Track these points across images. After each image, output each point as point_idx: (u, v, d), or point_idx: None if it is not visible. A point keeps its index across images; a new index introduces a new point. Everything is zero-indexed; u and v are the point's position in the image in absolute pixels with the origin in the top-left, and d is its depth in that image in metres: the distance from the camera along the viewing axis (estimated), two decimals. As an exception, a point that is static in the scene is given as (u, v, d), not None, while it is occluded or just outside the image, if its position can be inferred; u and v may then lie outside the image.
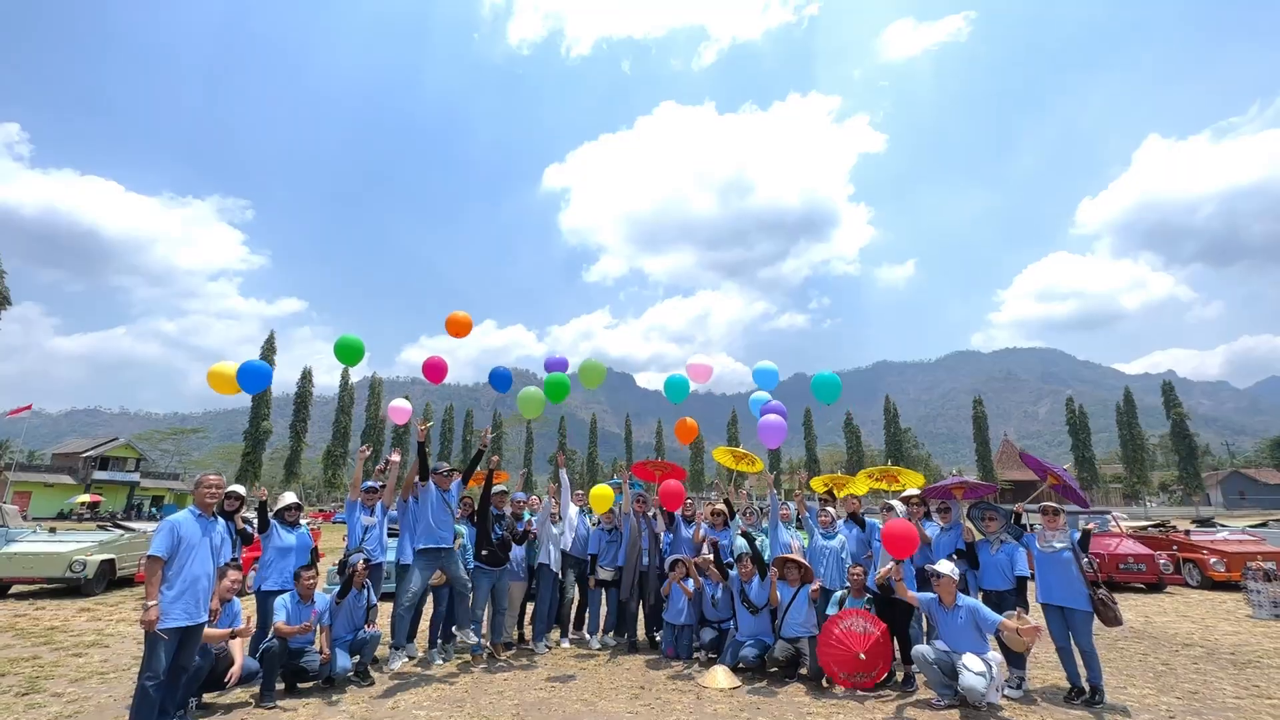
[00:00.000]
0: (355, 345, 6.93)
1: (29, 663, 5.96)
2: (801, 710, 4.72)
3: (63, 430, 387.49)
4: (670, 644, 6.35)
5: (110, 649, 6.59)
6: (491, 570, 6.21)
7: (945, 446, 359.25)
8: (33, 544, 10.54)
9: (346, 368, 60.64)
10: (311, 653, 5.14)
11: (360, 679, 5.34)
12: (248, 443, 51.84)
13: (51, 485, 49.02)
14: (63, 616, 8.41)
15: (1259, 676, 5.64)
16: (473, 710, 4.71)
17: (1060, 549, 5.18)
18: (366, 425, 64.74)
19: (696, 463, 78.46)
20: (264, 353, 53.83)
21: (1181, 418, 60.52)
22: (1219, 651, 6.59)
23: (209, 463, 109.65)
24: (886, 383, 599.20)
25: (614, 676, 5.66)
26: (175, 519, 4.11)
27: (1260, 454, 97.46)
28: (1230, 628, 7.88)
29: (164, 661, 3.93)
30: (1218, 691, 5.19)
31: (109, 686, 5.25)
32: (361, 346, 7.02)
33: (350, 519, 6.15)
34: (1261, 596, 8.57)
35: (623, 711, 4.71)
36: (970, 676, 4.43)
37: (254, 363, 6.07)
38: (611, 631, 7.08)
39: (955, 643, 4.78)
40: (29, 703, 4.81)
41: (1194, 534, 13.04)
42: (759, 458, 7.61)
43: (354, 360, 6.94)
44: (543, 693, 5.17)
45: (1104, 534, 12.15)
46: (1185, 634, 7.48)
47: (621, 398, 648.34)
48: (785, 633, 5.71)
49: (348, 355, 6.87)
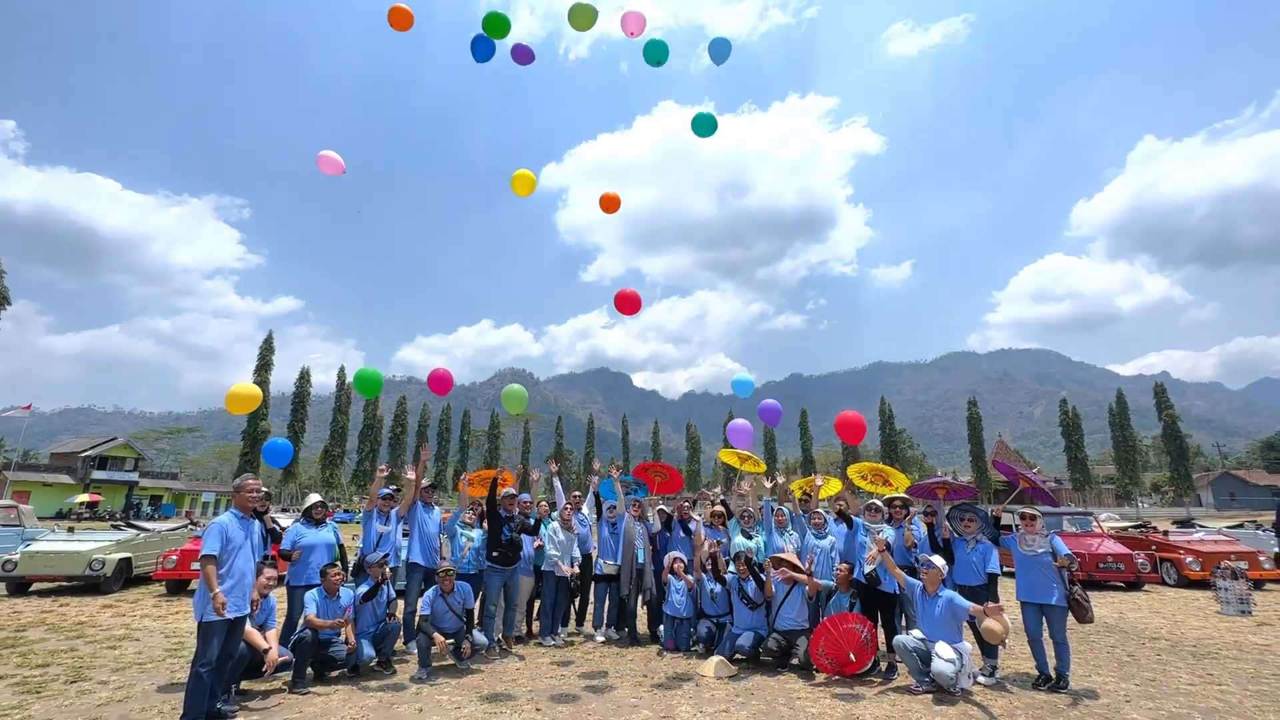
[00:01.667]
0: (375, 378, 7.37)
1: (68, 654, 6.35)
2: (792, 695, 5.15)
3: (56, 429, 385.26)
4: (670, 636, 6.77)
5: (141, 643, 6.98)
6: (503, 569, 6.60)
7: (942, 447, 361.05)
8: (53, 543, 10.91)
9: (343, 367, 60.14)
10: (338, 643, 5.55)
11: (383, 668, 5.76)
12: (246, 442, 52.12)
13: (50, 484, 49.19)
14: (88, 613, 8.78)
15: (1214, 666, 6.10)
16: (489, 694, 5.13)
17: (1041, 553, 5.56)
18: (364, 425, 65.02)
19: (694, 462, 78.97)
20: (262, 353, 54.11)
21: (1173, 419, 61.33)
22: (1183, 645, 7.05)
23: (205, 462, 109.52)
24: (883, 383, 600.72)
25: (618, 666, 6.08)
26: (222, 521, 4.51)
27: (1251, 455, 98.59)
28: (1198, 623, 8.35)
29: (216, 650, 4.34)
30: (1174, 679, 5.65)
31: (149, 675, 5.65)
32: (380, 379, 7.46)
33: (366, 526, 6.57)
34: (1229, 594, 9.05)
35: (627, 697, 5.13)
36: (940, 663, 4.88)
37: (276, 442, 7.12)
38: (613, 626, 7.50)
39: (931, 632, 5.23)
40: (79, 689, 5.20)
41: (1172, 535, 13.54)
42: (762, 460, 8.04)
43: (373, 393, 7.38)
44: (552, 680, 5.59)
45: (1086, 534, 12.63)
46: (1155, 629, 7.94)
47: (618, 398, 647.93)
48: (779, 626, 6.15)
49: (367, 388, 7.32)
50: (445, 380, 7.47)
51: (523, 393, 7.73)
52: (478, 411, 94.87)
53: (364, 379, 7.34)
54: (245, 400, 6.19)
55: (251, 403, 6.25)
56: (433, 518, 6.69)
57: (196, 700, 4.19)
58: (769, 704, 4.93)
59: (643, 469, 8.74)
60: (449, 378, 7.55)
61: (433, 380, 7.45)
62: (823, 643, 5.63)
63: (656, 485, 8.89)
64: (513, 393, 7.65)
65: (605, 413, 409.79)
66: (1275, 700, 5.05)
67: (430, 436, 70.33)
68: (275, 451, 7.24)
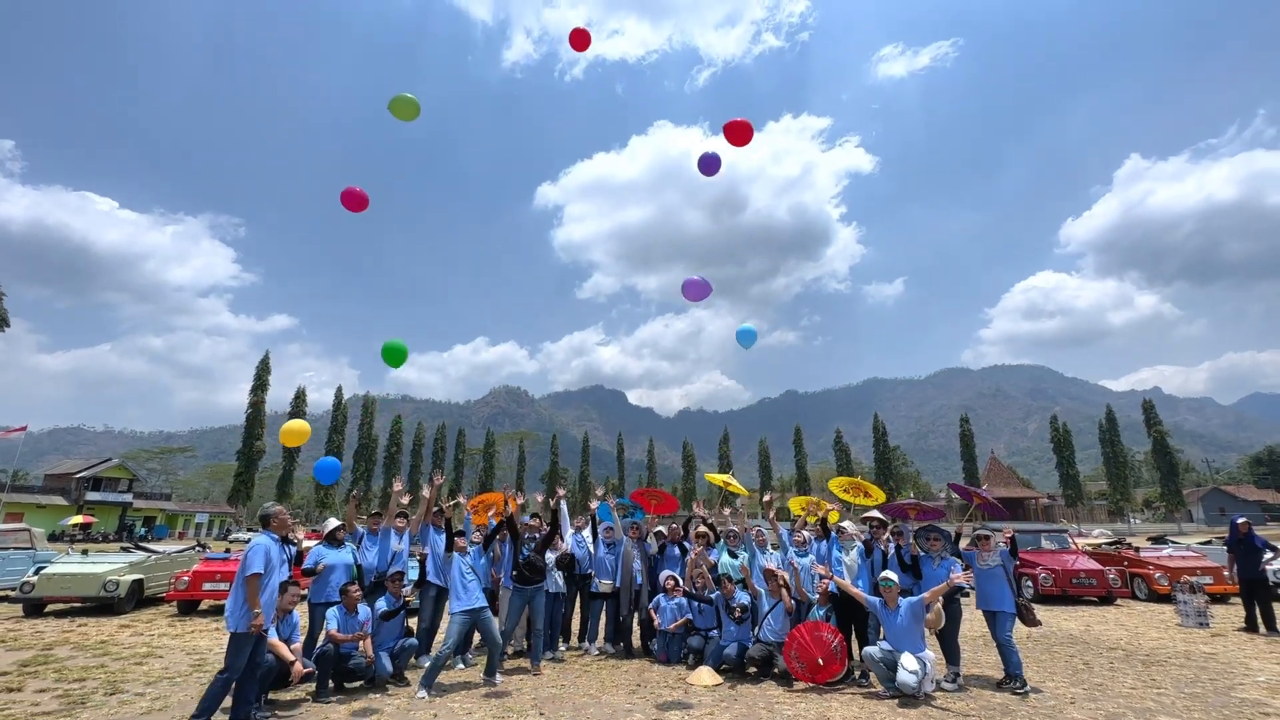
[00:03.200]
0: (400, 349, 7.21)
1: (100, 670, 6.80)
2: (772, 700, 5.68)
3: (44, 449, 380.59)
4: (662, 649, 7.29)
5: (164, 659, 7.42)
6: (524, 588, 6.82)
7: (938, 464, 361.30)
8: (68, 565, 11.30)
9: (340, 387, 60.31)
10: (358, 656, 6.05)
11: (398, 680, 6.25)
12: (241, 462, 52.16)
13: (44, 506, 48.95)
14: (107, 632, 9.19)
15: (1159, 672, 6.67)
16: (497, 703, 5.63)
17: (994, 566, 6.39)
18: (360, 444, 65.09)
19: (689, 481, 79.10)
20: (258, 373, 54.48)
21: (1162, 435, 62.14)
22: (1136, 654, 7.62)
23: (196, 482, 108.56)
24: (878, 400, 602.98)
25: (614, 677, 6.59)
26: (262, 543, 5.05)
27: (1241, 470, 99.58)
28: (1157, 634, 8.91)
29: (245, 660, 4.84)
30: (1120, 684, 6.21)
31: (180, 688, 6.11)
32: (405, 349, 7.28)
33: (383, 545, 7.09)
34: (1188, 607, 9.63)
35: (623, 703, 5.65)
36: (903, 673, 5.49)
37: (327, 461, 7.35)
38: (609, 640, 7.99)
39: (897, 642, 5.81)
40: (120, 700, 5.68)
41: (1144, 551, 14.14)
42: (743, 487, 8.67)
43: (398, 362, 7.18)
44: (554, 689, 6.09)
45: (1062, 551, 13.21)
46: (1114, 640, 8.50)
47: (613, 416, 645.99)
48: (762, 636, 6.69)
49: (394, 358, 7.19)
50: (359, 197, 6.99)
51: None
52: (472, 430, 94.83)
53: (391, 349, 7.11)
54: (296, 435, 6.75)
55: (302, 437, 6.80)
56: (443, 539, 7.18)
57: (212, 701, 4.65)
58: (750, 708, 5.46)
59: (639, 494, 9.32)
60: (363, 195, 7.04)
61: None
62: (795, 648, 6.18)
63: (653, 507, 9.46)
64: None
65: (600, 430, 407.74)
66: (1203, 701, 5.63)
67: (425, 455, 70.41)
68: (325, 469, 7.47)
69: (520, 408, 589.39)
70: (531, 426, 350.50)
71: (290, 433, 6.70)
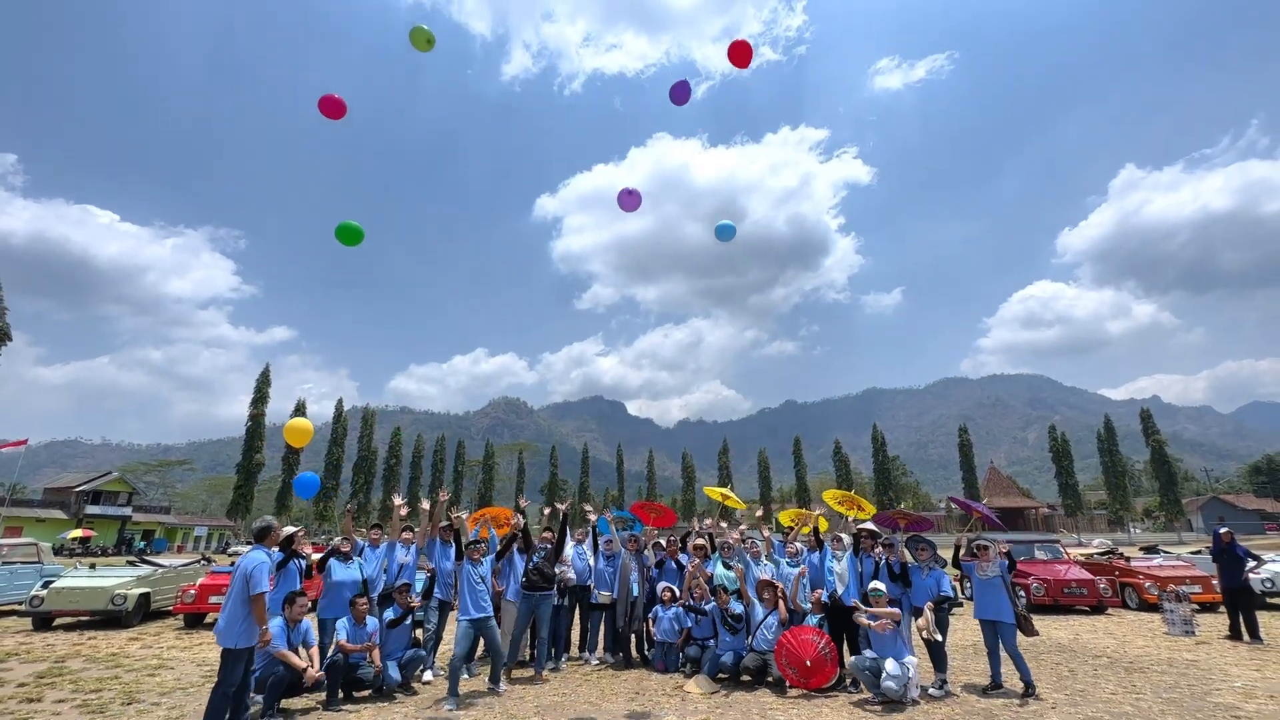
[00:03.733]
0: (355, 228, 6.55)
1: (114, 681, 7.01)
2: (765, 707, 5.91)
3: (41, 462, 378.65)
4: (660, 659, 7.51)
5: (176, 670, 7.63)
6: (530, 595, 7.05)
7: (938, 473, 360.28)
8: (77, 579, 11.49)
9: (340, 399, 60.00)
10: (365, 666, 6.28)
11: (406, 690, 6.47)
12: (240, 475, 52.15)
13: (43, 520, 48.90)
14: (117, 644, 9.38)
15: (1140, 679, 6.90)
16: (501, 710, 5.86)
17: (993, 577, 6.57)
18: (359, 457, 65.06)
19: (689, 491, 79.01)
20: (259, 386, 54.62)
21: (1160, 445, 62.25)
22: (1121, 661, 7.84)
23: (194, 495, 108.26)
24: (877, 409, 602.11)
25: (613, 685, 6.81)
26: (263, 560, 5.25)
27: (1240, 479, 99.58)
28: (1143, 642, 9.13)
29: (240, 674, 4.99)
30: (1101, 690, 6.44)
31: (194, 698, 6.33)
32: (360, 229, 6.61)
33: (390, 558, 7.34)
34: (1175, 615, 9.84)
35: (621, 710, 5.87)
36: (887, 679, 5.72)
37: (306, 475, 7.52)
38: (608, 650, 8.20)
39: (881, 649, 6.05)
40: (138, 709, 5.90)
41: (1135, 561, 14.34)
42: (740, 500, 8.94)
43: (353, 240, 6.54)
44: (556, 697, 6.32)
45: (1054, 560, 13.42)
46: (1102, 648, 8.71)
47: (613, 426, 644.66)
48: (756, 646, 6.92)
49: (349, 237, 6.56)
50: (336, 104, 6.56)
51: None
52: (471, 442, 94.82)
53: (346, 229, 6.46)
54: (300, 433, 6.97)
55: (306, 435, 7.01)
56: (450, 554, 7.44)
57: (216, 715, 4.83)
58: (744, 713, 5.70)
59: (638, 507, 9.56)
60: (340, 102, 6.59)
61: (323, 103, 6.53)
62: (785, 653, 6.42)
63: (652, 520, 9.70)
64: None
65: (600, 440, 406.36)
66: (1178, 705, 5.86)
67: (424, 467, 70.36)
68: (304, 484, 7.65)
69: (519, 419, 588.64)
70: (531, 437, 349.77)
71: (294, 430, 6.91)
